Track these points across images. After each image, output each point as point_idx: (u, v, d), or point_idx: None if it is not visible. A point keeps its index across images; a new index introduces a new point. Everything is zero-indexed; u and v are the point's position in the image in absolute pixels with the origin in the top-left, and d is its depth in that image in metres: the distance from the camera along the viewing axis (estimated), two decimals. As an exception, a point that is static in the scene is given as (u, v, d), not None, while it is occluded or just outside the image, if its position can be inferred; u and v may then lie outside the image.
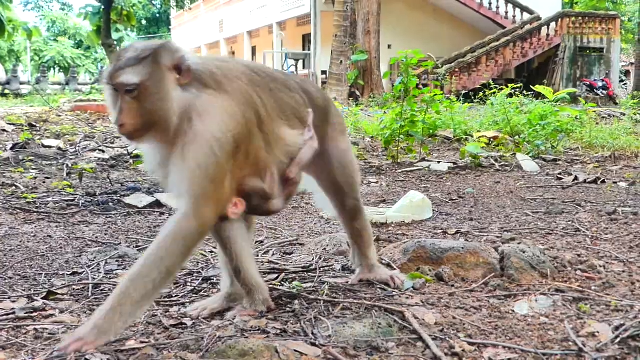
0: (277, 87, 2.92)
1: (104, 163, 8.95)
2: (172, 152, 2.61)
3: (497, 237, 4.39)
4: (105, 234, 4.83)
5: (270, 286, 3.28)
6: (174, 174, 2.59)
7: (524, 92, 13.34)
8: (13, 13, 42.16)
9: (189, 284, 3.51)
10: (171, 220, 2.60)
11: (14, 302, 3.24)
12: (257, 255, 4.02)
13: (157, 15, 64.14)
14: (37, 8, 42.92)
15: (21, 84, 42.58)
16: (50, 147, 10.78)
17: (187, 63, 2.60)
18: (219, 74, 2.68)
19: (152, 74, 2.54)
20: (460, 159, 8.54)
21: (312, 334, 2.65)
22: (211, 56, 2.81)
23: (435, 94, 8.56)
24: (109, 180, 7.19)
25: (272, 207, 2.97)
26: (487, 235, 4.44)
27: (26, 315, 3.02)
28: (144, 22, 62.94)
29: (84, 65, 70.08)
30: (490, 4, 31.81)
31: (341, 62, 24.95)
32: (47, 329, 2.84)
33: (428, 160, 8.50)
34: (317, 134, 3.07)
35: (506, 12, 32.02)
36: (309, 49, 33.80)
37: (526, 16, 31.64)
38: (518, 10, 32.10)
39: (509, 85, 11.93)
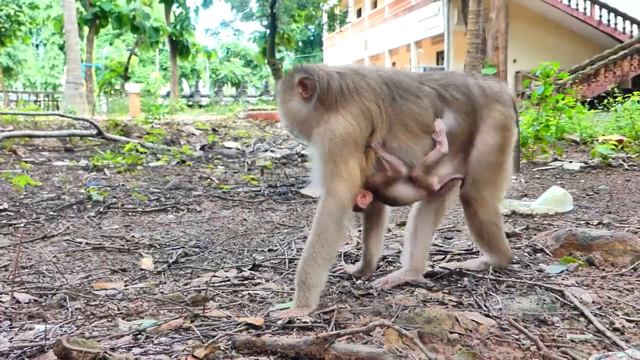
0: (404, 96, 2.81)
1: (277, 161, 9.20)
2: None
3: (638, 228, 4.15)
4: (289, 219, 4.96)
5: (442, 265, 3.31)
6: (313, 169, 2.78)
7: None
8: (195, 39, 44.13)
9: (367, 261, 3.54)
10: (319, 205, 2.70)
11: (226, 271, 3.39)
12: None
13: (312, 38, 65.17)
14: (214, 34, 44.81)
15: (202, 96, 45.04)
16: (230, 147, 11.19)
17: (307, 82, 2.72)
18: (339, 92, 2.71)
19: (288, 89, 2.80)
20: (590, 159, 8.15)
21: (485, 306, 2.61)
22: (345, 69, 2.81)
23: (569, 101, 8.21)
24: (285, 175, 7.38)
25: (401, 197, 2.91)
26: (628, 227, 4.21)
27: (239, 282, 3.15)
28: (300, 44, 64.11)
29: (251, 81, 72.51)
30: (609, 20, 30.28)
31: (472, 74, 24.55)
32: (258, 294, 2.95)
33: (560, 160, 8.17)
34: (465, 127, 2.95)
35: (624, 28, 30.34)
36: (442, 64, 33.50)
37: (643, 31, 29.89)
38: (635, 26, 30.40)
39: (634, 93, 11.25)
